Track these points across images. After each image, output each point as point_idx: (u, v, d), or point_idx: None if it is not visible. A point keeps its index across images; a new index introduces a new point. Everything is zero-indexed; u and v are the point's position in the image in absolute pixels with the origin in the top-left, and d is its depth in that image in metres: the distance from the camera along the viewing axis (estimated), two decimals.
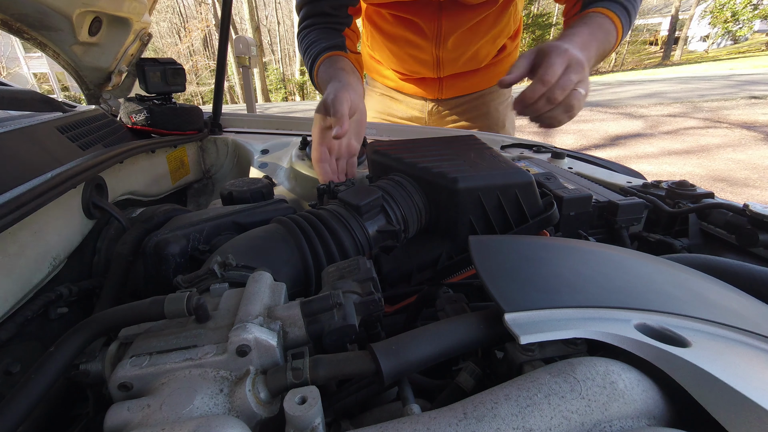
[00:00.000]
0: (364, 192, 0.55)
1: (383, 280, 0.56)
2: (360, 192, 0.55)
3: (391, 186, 0.59)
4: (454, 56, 1.16)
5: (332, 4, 0.98)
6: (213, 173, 1.37)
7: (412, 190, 0.59)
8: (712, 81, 9.80)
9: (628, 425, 0.26)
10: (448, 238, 0.58)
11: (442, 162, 0.60)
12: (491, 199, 0.56)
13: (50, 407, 0.41)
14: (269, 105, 12.52)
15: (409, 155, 0.64)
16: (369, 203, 0.53)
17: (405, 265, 0.55)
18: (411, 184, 0.59)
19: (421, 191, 0.59)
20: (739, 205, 0.67)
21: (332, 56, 0.92)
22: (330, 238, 0.49)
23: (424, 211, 0.58)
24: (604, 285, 0.36)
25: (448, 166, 0.58)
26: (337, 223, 0.51)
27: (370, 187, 0.57)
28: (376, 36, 1.26)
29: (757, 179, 3.87)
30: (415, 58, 1.21)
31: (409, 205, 0.57)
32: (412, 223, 0.57)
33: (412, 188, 0.59)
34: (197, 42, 18.86)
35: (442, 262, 0.57)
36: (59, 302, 0.53)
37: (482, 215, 0.56)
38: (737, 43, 19.44)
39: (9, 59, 13.07)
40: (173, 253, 0.54)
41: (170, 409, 0.27)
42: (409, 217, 0.57)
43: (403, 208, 0.56)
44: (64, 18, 0.95)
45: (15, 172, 0.54)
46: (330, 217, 0.52)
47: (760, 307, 0.38)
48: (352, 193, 0.55)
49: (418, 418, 0.26)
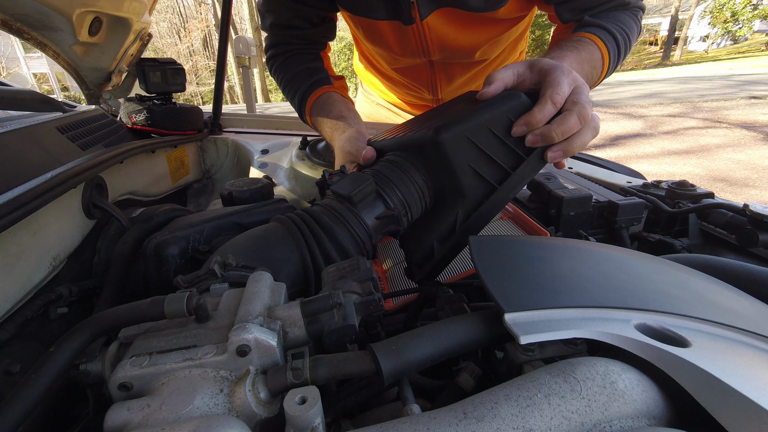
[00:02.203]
0: (355, 180, 0.52)
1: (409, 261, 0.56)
2: (351, 181, 0.52)
3: (386, 167, 0.56)
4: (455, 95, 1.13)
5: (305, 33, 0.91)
6: (213, 173, 1.37)
7: (408, 167, 0.55)
8: (712, 81, 9.80)
9: (628, 425, 0.26)
10: (457, 196, 0.54)
11: (427, 123, 0.56)
12: (484, 137, 0.51)
13: (50, 407, 0.41)
14: (269, 105, 12.52)
15: (398, 132, 0.60)
16: (360, 191, 0.50)
17: (426, 242, 0.54)
18: (406, 161, 0.56)
19: (418, 164, 0.55)
20: (739, 205, 0.67)
21: (322, 96, 0.87)
22: (326, 236, 0.49)
23: (425, 187, 0.55)
24: (604, 285, 0.36)
25: (431, 124, 0.54)
26: (332, 219, 0.49)
27: (361, 173, 0.54)
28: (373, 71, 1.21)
29: (757, 179, 3.87)
30: (414, 97, 1.20)
31: (408, 184, 0.54)
32: (414, 202, 0.54)
33: (408, 165, 0.55)
34: (197, 42, 18.86)
35: (460, 222, 0.53)
36: (59, 302, 0.53)
37: (480, 155, 0.51)
38: (737, 43, 19.44)
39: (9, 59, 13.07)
40: (173, 254, 0.54)
41: (170, 409, 0.27)
42: (409, 197, 0.54)
43: (402, 189, 0.53)
44: (64, 18, 0.95)
45: (15, 172, 0.54)
46: (325, 214, 0.50)
47: (760, 307, 0.38)
48: (343, 183, 0.52)
49: (418, 418, 0.26)
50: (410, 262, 0.56)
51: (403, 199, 0.53)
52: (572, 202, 0.67)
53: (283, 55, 0.93)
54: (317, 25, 0.90)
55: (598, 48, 0.68)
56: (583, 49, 0.66)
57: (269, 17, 0.90)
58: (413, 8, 0.80)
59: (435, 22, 0.83)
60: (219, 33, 1.37)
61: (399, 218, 0.52)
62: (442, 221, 0.54)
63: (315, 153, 1.02)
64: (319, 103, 0.86)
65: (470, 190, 0.52)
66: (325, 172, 0.66)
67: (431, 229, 0.55)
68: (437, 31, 0.86)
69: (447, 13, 0.82)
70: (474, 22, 0.84)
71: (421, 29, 0.85)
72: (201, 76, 18.73)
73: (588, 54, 0.66)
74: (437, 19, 0.83)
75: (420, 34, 0.86)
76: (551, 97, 0.49)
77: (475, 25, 0.86)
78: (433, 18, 0.82)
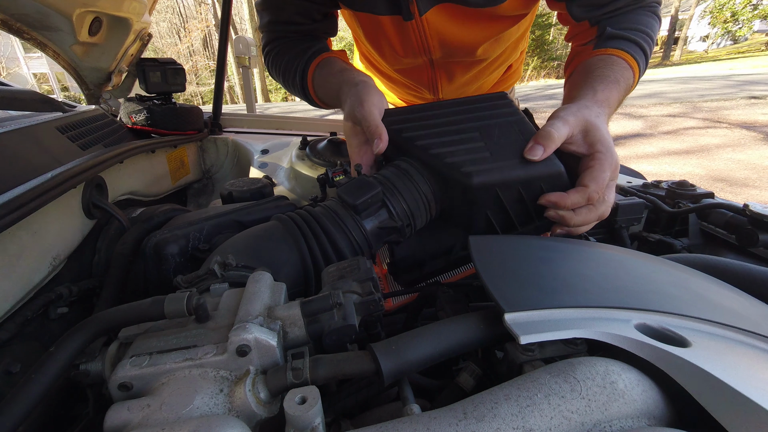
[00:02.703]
0: (362, 187, 0.51)
1: (395, 264, 0.55)
2: (358, 187, 0.51)
3: (396, 176, 0.54)
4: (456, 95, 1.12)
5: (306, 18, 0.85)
6: (213, 173, 1.37)
7: (419, 179, 0.54)
8: (712, 81, 9.79)
9: (628, 425, 0.26)
10: (462, 228, 0.55)
11: (458, 146, 0.54)
12: (511, 194, 0.51)
13: (50, 407, 0.41)
14: (269, 105, 12.52)
15: (421, 135, 0.57)
16: (366, 200, 0.50)
17: (418, 253, 0.54)
18: (418, 172, 0.55)
19: (431, 179, 0.54)
20: (739, 205, 0.67)
21: (324, 60, 0.81)
22: (326, 239, 0.48)
23: (433, 202, 0.55)
24: (604, 285, 0.36)
25: (464, 153, 0.53)
26: (332, 223, 0.49)
27: (369, 180, 0.53)
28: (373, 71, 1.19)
29: (757, 179, 3.88)
30: (414, 96, 1.19)
31: (416, 198, 0.53)
32: (419, 215, 0.54)
33: (420, 177, 0.54)
34: (197, 42, 18.86)
35: (456, 252, 0.54)
36: (59, 302, 0.53)
37: (500, 210, 0.52)
38: (737, 43, 19.45)
39: (9, 59, 13.07)
40: (173, 253, 0.54)
41: (170, 409, 0.27)
42: (415, 210, 0.53)
43: (408, 201, 0.53)
44: (64, 18, 0.95)
45: (15, 172, 0.54)
46: (326, 217, 0.50)
47: (760, 307, 0.38)
48: (349, 188, 0.51)
49: (418, 418, 0.26)
50: (396, 264, 0.56)
51: (407, 211, 0.53)
52: None
53: (281, 45, 0.89)
54: (318, 21, 0.88)
55: (630, 67, 0.67)
56: (619, 74, 0.65)
57: (267, 15, 0.88)
58: (412, 4, 0.80)
59: (434, 18, 0.83)
60: (219, 33, 1.37)
61: (401, 230, 0.52)
62: (440, 241, 0.55)
63: (315, 153, 1.02)
64: (322, 68, 0.80)
65: (477, 231, 0.54)
66: (328, 170, 0.66)
67: (426, 244, 0.55)
68: (437, 27, 0.85)
69: (447, 9, 0.81)
70: (474, 18, 0.83)
71: (421, 25, 0.85)
72: (201, 76, 18.73)
73: (624, 78, 0.66)
74: (437, 15, 0.82)
75: (420, 30, 0.86)
76: (590, 194, 0.49)
77: (476, 22, 0.85)
78: (432, 13, 0.82)
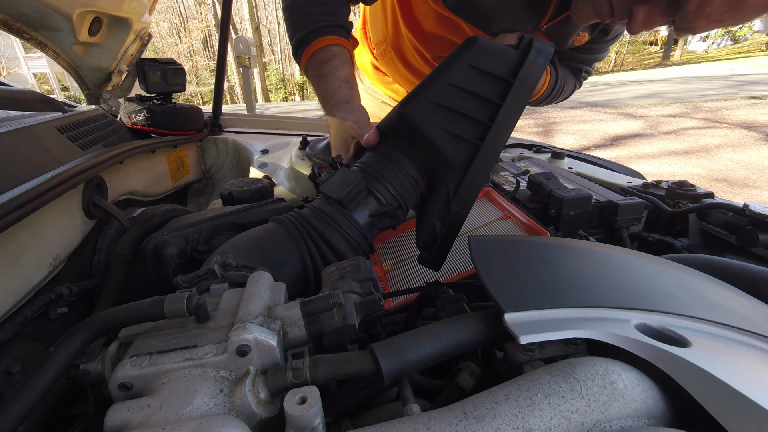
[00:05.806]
0: (343, 180, 0.50)
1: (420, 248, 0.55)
2: (340, 181, 0.50)
3: (376, 159, 0.53)
4: None
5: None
6: (213, 173, 1.37)
7: (398, 156, 0.52)
8: (712, 81, 9.79)
9: (628, 425, 0.26)
10: (444, 166, 0.51)
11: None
12: (448, 94, 0.47)
13: (50, 407, 0.41)
14: (269, 105, 12.53)
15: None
16: (349, 192, 0.49)
17: (427, 223, 0.53)
18: (396, 150, 0.53)
19: (407, 150, 0.52)
20: (739, 205, 0.67)
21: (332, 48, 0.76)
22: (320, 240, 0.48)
23: (418, 175, 0.53)
24: (604, 285, 0.36)
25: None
26: (323, 223, 0.49)
27: (350, 171, 0.52)
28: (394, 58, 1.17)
29: (757, 179, 3.87)
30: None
31: (399, 176, 0.52)
32: (407, 193, 0.53)
33: (398, 154, 0.52)
34: (197, 42, 18.86)
35: (452, 194, 0.51)
36: (59, 302, 0.53)
37: (452, 116, 0.47)
38: (737, 43, 19.43)
39: (9, 59, 13.06)
40: (172, 254, 0.54)
41: (170, 409, 0.27)
42: (402, 189, 0.52)
43: (393, 183, 0.51)
44: (64, 18, 0.95)
45: (15, 172, 0.54)
46: (315, 218, 0.49)
47: (760, 307, 0.38)
48: (332, 184, 0.50)
49: (418, 418, 0.26)
50: (419, 248, 0.56)
51: (395, 193, 0.51)
52: (572, 202, 0.67)
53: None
54: None
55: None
56: None
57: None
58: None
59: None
60: (219, 33, 1.37)
61: (392, 213, 0.51)
62: (439, 199, 0.52)
63: (315, 153, 1.02)
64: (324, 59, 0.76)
65: (454, 156, 0.49)
66: (314, 167, 0.62)
67: (430, 209, 0.53)
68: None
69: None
70: None
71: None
72: (201, 76, 18.72)
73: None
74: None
75: None
76: None
77: None
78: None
